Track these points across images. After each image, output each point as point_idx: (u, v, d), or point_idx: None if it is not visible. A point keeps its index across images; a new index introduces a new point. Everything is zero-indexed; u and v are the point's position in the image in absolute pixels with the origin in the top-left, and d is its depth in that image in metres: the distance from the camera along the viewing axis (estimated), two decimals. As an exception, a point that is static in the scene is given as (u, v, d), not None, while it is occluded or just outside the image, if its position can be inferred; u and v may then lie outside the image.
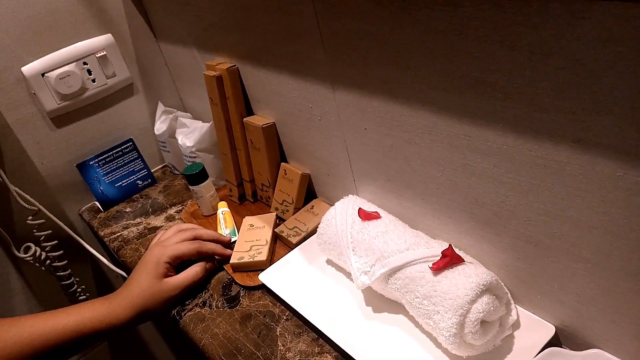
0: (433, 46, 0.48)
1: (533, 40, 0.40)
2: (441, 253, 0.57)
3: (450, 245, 0.58)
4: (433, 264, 0.56)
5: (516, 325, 0.57)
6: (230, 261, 0.76)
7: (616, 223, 0.42)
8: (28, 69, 0.90)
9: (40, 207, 0.94)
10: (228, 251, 0.79)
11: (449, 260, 0.56)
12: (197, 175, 0.87)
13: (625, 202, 0.41)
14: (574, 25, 0.36)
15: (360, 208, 0.67)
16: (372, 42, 0.54)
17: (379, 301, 0.65)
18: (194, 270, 0.75)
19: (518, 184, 0.49)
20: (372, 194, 0.71)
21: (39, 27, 0.90)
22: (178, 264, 0.75)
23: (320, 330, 0.62)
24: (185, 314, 0.73)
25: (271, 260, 0.76)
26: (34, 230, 0.93)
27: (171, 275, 0.73)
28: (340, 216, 0.69)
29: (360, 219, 0.66)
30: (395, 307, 0.64)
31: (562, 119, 0.41)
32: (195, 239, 0.77)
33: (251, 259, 0.75)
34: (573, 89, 0.39)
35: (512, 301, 0.57)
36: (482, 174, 0.52)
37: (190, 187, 0.88)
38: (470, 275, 0.54)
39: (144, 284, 0.71)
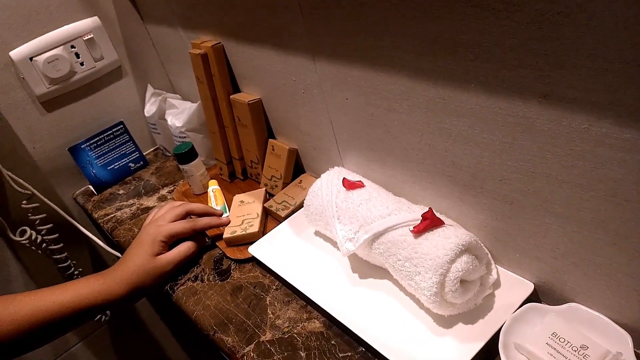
0: (405, 11, 0.49)
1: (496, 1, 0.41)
2: (421, 216, 0.58)
3: (430, 208, 0.59)
4: (414, 227, 0.58)
5: (496, 284, 0.59)
6: (224, 236, 0.77)
7: (584, 176, 0.44)
8: (16, 53, 0.91)
9: (34, 191, 0.95)
10: (223, 219, 0.80)
11: (429, 222, 0.57)
12: (187, 154, 0.88)
13: (591, 153, 0.42)
14: (535, -20, 0.37)
15: (344, 178, 0.69)
16: (349, 11, 0.55)
17: (364, 267, 0.67)
18: (186, 246, 0.77)
19: (492, 144, 0.50)
20: (356, 164, 0.72)
21: (26, 11, 0.90)
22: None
23: (308, 298, 0.64)
24: (177, 288, 0.74)
25: (263, 232, 0.78)
26: (29, 214, 0.95)
27: (165, 253, 0.75)
28: (325, 187, 0.70)
29: (344, 189, 0.68)
30: (380, 272, 0.65)
31: (529, 75, 0.42)
32: (187, 213, 0.79)
33: (244, 232, 0.76)
34: (538, 44, 0.40)
35: (492, 261, 0.59)
36: (458, 135, 0.53)
37: (181, 166, 0.90)
38: (450, 236, 0.56)
39: (138, 261, 0.72)
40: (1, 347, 0.63)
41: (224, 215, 0.83)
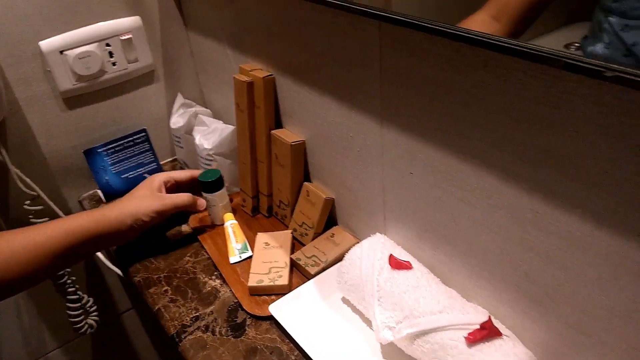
0: (517, 114, 0.43)
1: (644, 135, 0.35)
2: (480, 325, 0.53)
3: (489, 317, 0.54)
4: (469, 335, 0.52)
5: (546, 409, 0.54)
6: (249, 283, 0.71)
7: (696, 342, 0.39)
8: (47, 44, 0.84)
9: (41, 192, 0.88)
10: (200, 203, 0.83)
11: (487, 333, 0.52)
12: (214, 184, 0.82)
13: None
14: None
15: (391, 255, 0.63)
16: (441, 90, 0.50)
17: (397, 356, 0.61)
18: (187, 195, 0.81)
19: (583, 273, 0.45)
20: (403, 238, 0.67)
21: (64, 1, 0.83)
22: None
23: (332, 381, 0.58)
24: (185, 337, 0.68)
25: (290, 286, 0.72)
26: (30, 216, 0.88)
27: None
28: (366, 258, 0.64)
29: (389, 267, 0.62)
30: (415, 366, 0.60)
31: (659, 223, 0.37)
32: (170, 179, 0.82)
33: (272, 283, 0.71)
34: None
35: (544, 383, 0.54)
36: (542, 252, 0.48)
37: (204, 194, 0.83)
38: (509, 354, 0.51)
39: (137, 195, 0.77)
40: None
41: (245, 256, 0.78)
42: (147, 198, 0.76)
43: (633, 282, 0.41)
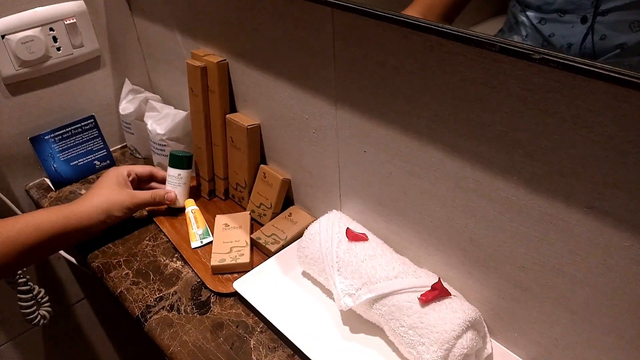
0: (461, 93, 0.48)
1: (569, 111, 0.41)
2: (431, 286, 0.58)
3: (439, 279, 0.59)
4: (422, 295, 0.58)
5: (489, 358, 0.60)
6: (212, 263, 0.73)
7: (611, 285, 0.45)
8: (-14, 28, 0.81)
9: (-15, 181, 0.86)
10: (168, 195, 0.84)
11: (438, 293, 0.57)
12: (185, 160, 0.84)
13: (626, 268, 0.44)
14: (615, 108, 0.38)
15: (348, 228, 0.67)
16: (391, 73, 0.54)
17: (357, 321, 0.66)
18: (154, 191, 0.83)
19: (519, 233, 0.51)
20: (358, 212, 0.71)
21: (5, -17, 0.81)
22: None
23: (297, 347, 0.62)
24: (151, 317, 0.70)
25: (252, 264, 0.75)
26: (-25, 206, 0.85)
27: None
28: (325, 232, 0.69)
29: (347, 239, 0.66)
30: (373, 329, 0.65)
31: (580, 186, 0.43)
32: (130, 173, 0.82)
33: (234, 261, 0.73)
34: (600, 163, 0.41)
35: (487, 334, 0.60)
36: (484, 217, 0.53)
37: (172, 169, 0.84)
38: (457, 310, 0.56)
39: (106, 191, 0.76)
40: None
41: (206, 241, 0.80)
42: (117, 193, 0.77)
43: (561, 239, 0.47)
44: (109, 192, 0.76)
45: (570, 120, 0.41)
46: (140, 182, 0.85)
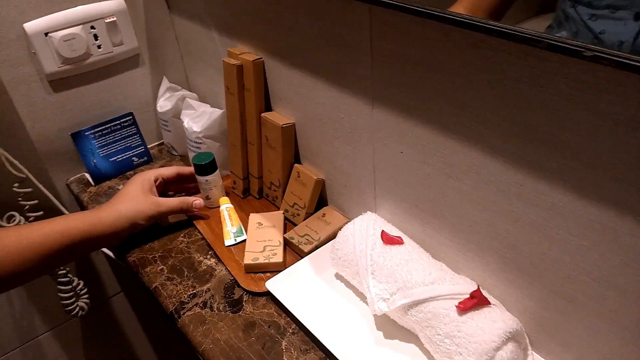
0: (504, 93, 0.46)
1: (622, 111, 0.38)
2: (470, 294, 0.56)
3: (478, 286, 0.57)
4: (459, 303, 0.55)
5: (530, 370, 0.58)
6: (245, 261, 0.73)
7: (667, 301, 0.42)
8: (31, 25, 0.83)
9: (29, 174, 0.88)
10: (197, 203, 0.83)
11: (476, 302, 0.55)
12: (208, 166, 0.83)
13: (683, 284, 0.41)
14: (678, 109, 0.35)
15: (383, 230, 0.65)
16: (430, 71, 0.52)
17: (391, 327, 0.64)
18: (182, 198, 0.82)
19: (566, 242, 0.48)
20: (393, 214, 0.69)
21: (48, -18, 0.82)
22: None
23: (329, 351, 0.61)
24: (184, 313, 0.70)
25: (285, 264, 0.74)
26: (19, 199, 0.88)
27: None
28: (359, 234, 0.67)
29: (381, 242, 0.65)
30: (407, 335, 0.63)
31: (635, 193, 0.40)
32: (157, 177, 0.82)
33: (266, 260, 0.73)
34: (657, 168, 0.38)
35: (529, 346, 0.57)
36: (528, 223, 0.51)
37: (198, 177, 0.84)
38: (497, 320, 0.54)
39: (131, 197, 0.76)
40: None
41: (239, 239, 0.79)
42: (142, 201, 0.76)
43: (611, 249, 0.44)
44: (134, 200, 0.76)
45: (625, 123, 0.39)
46: (168, 184, 0.85)
